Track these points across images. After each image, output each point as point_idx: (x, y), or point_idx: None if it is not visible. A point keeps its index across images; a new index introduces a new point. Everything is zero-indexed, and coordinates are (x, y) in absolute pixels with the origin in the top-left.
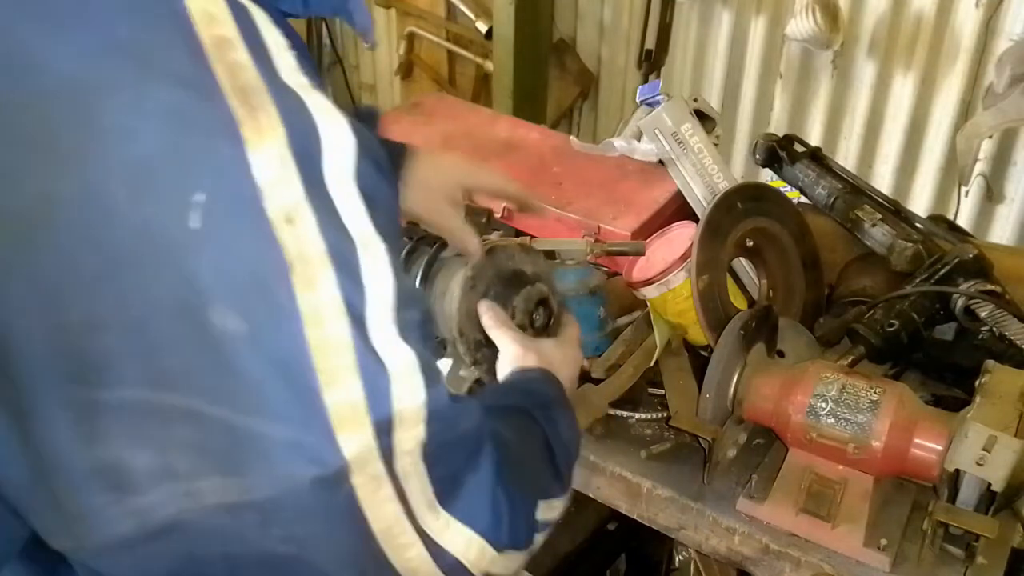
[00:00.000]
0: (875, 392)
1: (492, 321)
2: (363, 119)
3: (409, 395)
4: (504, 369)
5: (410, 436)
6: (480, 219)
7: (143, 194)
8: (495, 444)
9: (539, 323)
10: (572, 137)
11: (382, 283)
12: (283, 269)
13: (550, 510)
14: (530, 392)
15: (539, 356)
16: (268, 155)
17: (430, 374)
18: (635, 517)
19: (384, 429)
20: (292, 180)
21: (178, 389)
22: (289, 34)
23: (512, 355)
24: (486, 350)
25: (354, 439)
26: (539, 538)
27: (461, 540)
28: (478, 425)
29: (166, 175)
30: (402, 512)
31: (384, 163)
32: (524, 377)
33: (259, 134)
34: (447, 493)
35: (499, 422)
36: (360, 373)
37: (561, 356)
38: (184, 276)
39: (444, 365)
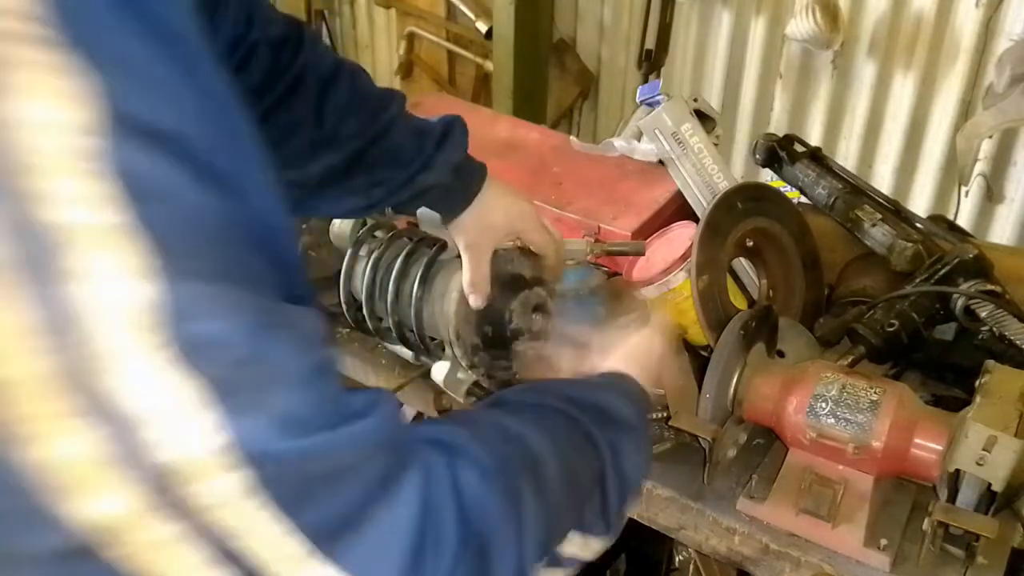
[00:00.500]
0: (875, 392)
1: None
2: (386, 105)
3: (188, 437)
4: (573, 368)
5: (217, 486)
6: None
7: None
8: (488, 455)
9: (536, 327)
10: (572, 137)
11: (129, 292)
12: None
13: (585, 548)
14: (606, 410)
15: (617, 356)
16: None
17: (244, 401)
18: (635, 517)
19: (159, 484)
20: None
21: None
22: None
23: (585, 355)
24: (483, 354)
25: (95, 503)
26: (558, 572)
27: None
28: (381, 449)
29: None
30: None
31: (196, 148)
32: (609, 386)
33: None
34: (333, 539)
35: (537, 432)
36: (91, 419)
37: (647, 349)
38: None
39: (442, 367)
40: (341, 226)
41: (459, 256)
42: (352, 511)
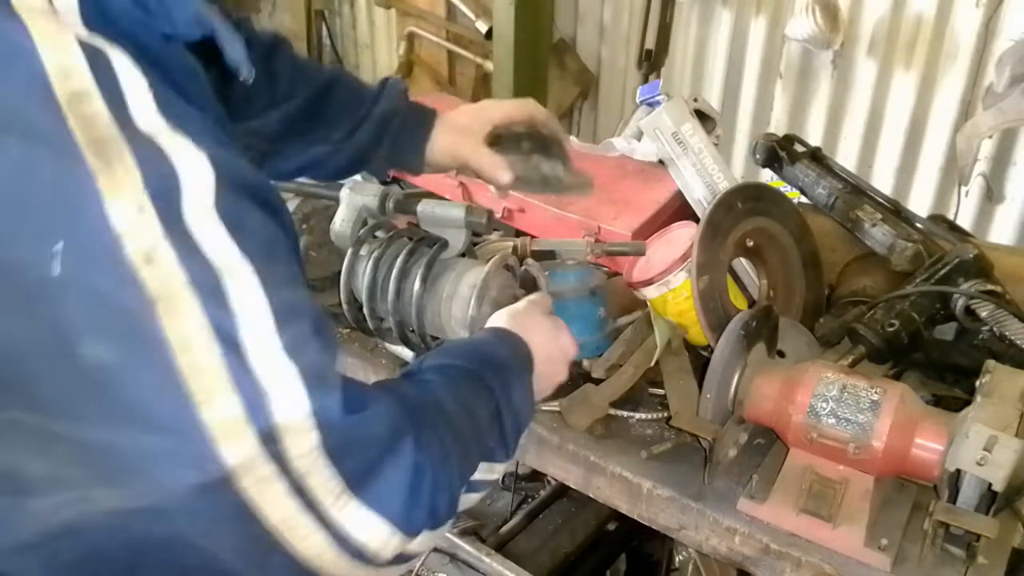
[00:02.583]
0: (876, 392)
1: None
2: (323, 66)
3: (291, 407)
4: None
5: (303, 441)
6: (481, 220)
7: (4, 243)
8: (426, 426)
9: None
10: (572, 137)
11: (254, 306)
12: (148, 304)
13: (490, 471)
14: (487, 356)
15: (512, 319)
16: (124, 204)
17: (320, 385)
18: (635, 517)
19: (269, 438)
20: (150, 223)
21: (56, 415)
22: (159, 60)
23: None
24: None
25: (238, 449)
26: (475, 496)
27: (369, 526)
28: (391, 424)
29: (27, 226)
30: (300, 506)
31: (256, 188)
32: (487, 339)
33: (115, 185)
34: (359, 483)
35: (445, 391)
36: (236, 391)
37: (539, 325)
38: (51, 317)
39: None
40: (342, 225)
41: (462, 255)
42: (369, 464)
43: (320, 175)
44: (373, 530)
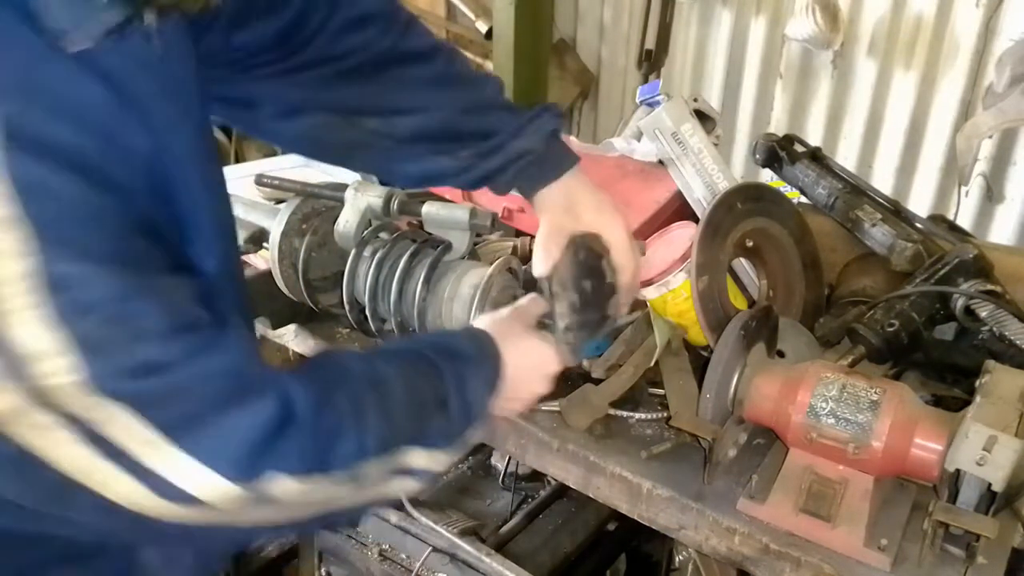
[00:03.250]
0: (875, 392)
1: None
2: (483, 84)
3: (62, 373)
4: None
5: (86, 401)
6: (485, 222)
7: None
8: (339, 382)
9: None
10: (572, 137)
11: (17, 266)
12: None
13: (429, 459)
14: (447, 346)
15: (491, 322)
16: None
17: (101, 351)
18: (635, 517)
19: (37, 396)
20: None
21: None
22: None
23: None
24: None
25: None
26: (410, 482)
27: (192, 473)
28: (236, 373)
29: None
30: (97, 452)
31: (75, 155)
32: (455, 332)
33: None
34: (177, 431)
35: (388, 364)
36: None
37: (518, 332)
38: None
39: None
40: (346, 226)
41: (463, 258)
42: (194, 414)
43: (441, 185)
44: (198, 477)
